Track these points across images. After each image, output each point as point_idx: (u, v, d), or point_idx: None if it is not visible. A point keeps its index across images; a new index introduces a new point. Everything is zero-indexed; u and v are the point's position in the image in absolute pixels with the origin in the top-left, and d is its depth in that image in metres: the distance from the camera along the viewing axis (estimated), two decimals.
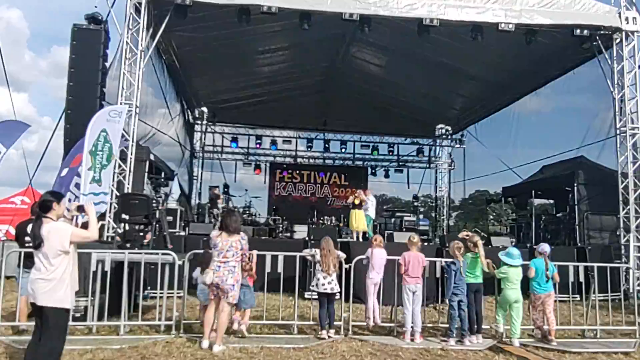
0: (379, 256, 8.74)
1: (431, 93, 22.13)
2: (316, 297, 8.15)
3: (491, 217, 29.88)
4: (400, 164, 28.04)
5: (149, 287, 9.22)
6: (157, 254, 8.01)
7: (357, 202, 14.74)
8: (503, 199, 21.17)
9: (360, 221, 14.64)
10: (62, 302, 4.89)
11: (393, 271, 8.46)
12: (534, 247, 8.89)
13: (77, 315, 7.69)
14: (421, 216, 23.61)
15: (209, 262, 6.97)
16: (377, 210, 15.22)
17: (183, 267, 7.82)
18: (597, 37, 13.73)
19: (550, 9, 13.23)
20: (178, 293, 7.81)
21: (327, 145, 27.13)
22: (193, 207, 24.31)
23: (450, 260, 8.19)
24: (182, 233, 14.33)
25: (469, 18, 13.02)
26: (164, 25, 12.88)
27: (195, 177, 25.53)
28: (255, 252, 7.93)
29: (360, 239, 14.19)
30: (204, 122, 25.81)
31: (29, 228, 5.48)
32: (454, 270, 8.03)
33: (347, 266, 8.50)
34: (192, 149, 25.13)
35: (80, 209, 5.26)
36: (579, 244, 14.30)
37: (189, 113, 24.29)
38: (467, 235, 8.72)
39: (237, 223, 7.01)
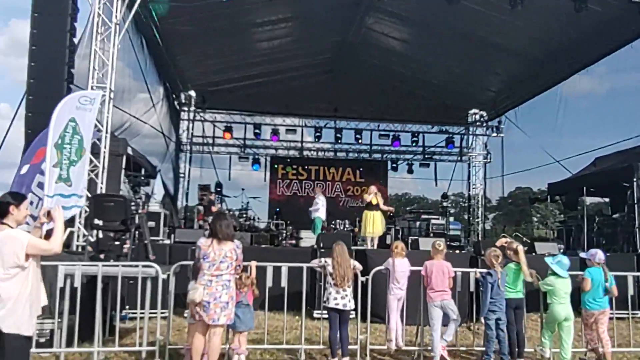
0: (401, 267, 8.69)
1: (463, 72, 22.05)
2: (326, 316, 8.08)
3: (535, 219, 29.86)
4: (427, 156, 28.06)
5: (127, 306, 9.22)
6: (136, 266, 7.98)
7: (373, 201, 14.53)
8: (549, 197, 21.05)
9: (377, 225, 14.52)
10: (19, 327, 4.82)
11: (419, 285, 8.45)
12: (585, 254, 8.76)
13: (42, 340, 7.62)
14: (451, 219, 23.57)
15: None
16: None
17: (168, 281, 7.76)
18: None
19: None
20: (162, 313, 7.79)
21: (338, 135, 27.12)
22: (179, 210, 24.43)
23: (486, 271, 8.16)
24: (167, 241, 14.29)
25: None
26: None
27: (182, 175, 25.65)
28: (254, 264, 7.91)
29: (375, 246, 14.18)
30: (192, 108, 25.92)
31: None
32: (491, 283, 7.97)
33: (363, 279, 8.46)
34: (178, 140, 25.23)
35: (49, 214, 5.21)
36: None
37: (174, 98, 24.36)
38: (506, 242, 8.69)
39: (230, 228, 6.93)
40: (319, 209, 16.41)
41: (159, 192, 21.02)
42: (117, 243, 9.40)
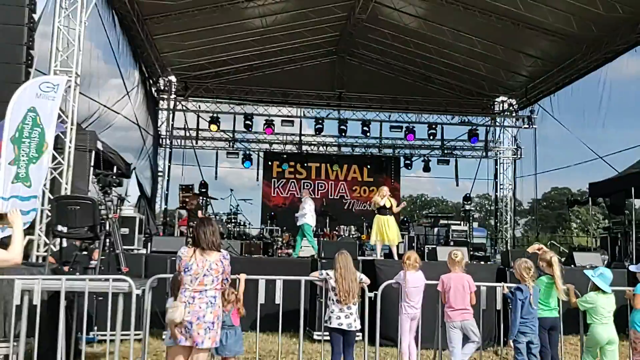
0: (414, 282, 8.72)
1: (488, 53, 22.01)
2: (328, 338, 8.08)
3: (574, 225, 29.76)
4: (446, 152, 28.04)
5: (95, 327, 9.21)
6: (106, 280, 7.83)
7: (387, 204, 14.27)
8: (590, 199, 20.95)
9: (393, 232, 14.28)
10: None
11: (436, 301, 8.47)
12: (635, 267, 8.66)
13: None
14: (475, 225, 23.53)
15: None
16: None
17: (143, 298, 7.77)
18: None
19: None
20: (136, 335, 7.81)
21: (343, 127, 26.94)
22: (158, 214, 24.52)
23: (516, 285, 8.09)
24: (143, 251, 14.30)
25: None
26: None
27: (160, 173, 25.75)
28: (243, 277, 7.89)
29: (396, 257, 14.02)
30: (172, 96, 25.92)
31: None
32: (521, 300, 7.90)
33: (371, 294, 8.49)
34: (156, 133, 25.30)
35: (3, 219, 5.21)
36: None
37: (152, 84, 24.42)
38: (539, 249, 8.68)
39: (216, 236, 6.86)
40: (307, 214, 16.29)
41: (134, 194, 21.28)
42: (84, 253, 9.32)
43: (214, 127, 26.11)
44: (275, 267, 11.52)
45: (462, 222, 22.13)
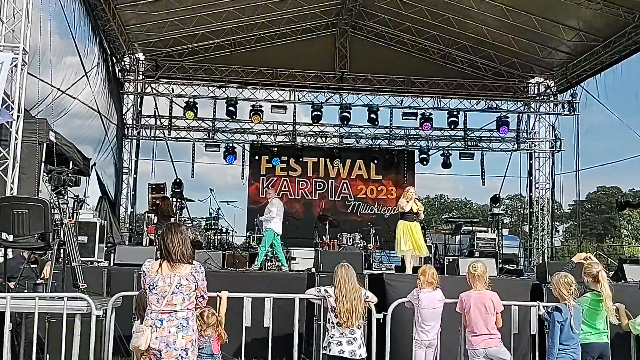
0: (430, 303, 8.75)
1: (521, 25, 22.00)
2: None
3: (625, 232, 29.77)
4: (470, 144, 27.84)
5: (47, 355, 9.08)
6: (61, 299, 7.86)
7: (414, 208, 14.33)
8: None
9: (421, 240, 14.48)
10: None
11: (458, 324, 8.49)
12: None
13: None
14: (506, 232, 23.46)
15: None
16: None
17: (105, 320, 7.81)
18: None
19: None
20: None
21: (346, 115, 26.54)
22: (123, 219, 24.43)
23: (555, 305, 8.00)
24: (104, 263, 14.34)
25: None
26: None
27: (126, 170, 25.65)
28: (225, 294, 7.94)
29: (410, 269, 14.03)
30: (140, 77, 25.83)
31: None
32: (561, 322, 7.79)
33: (380, 315, 8.53)
34: (121, 122, 25.15)
35: None
36: None
37: (115, 63, 24.32)
38: (586, 259, 8.68)
39: (186, 245, 6.84)
40: (274, 218, 16.09)
41: (94, 195, 21.11)
42: (33, 266, 9.36)
43: (190, 114, 25.69)
44: (264, 283, 11.64)
45: (489, 229, 22.01)
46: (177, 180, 24.90)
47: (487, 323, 8.13)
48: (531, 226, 28.20)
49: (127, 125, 25.97)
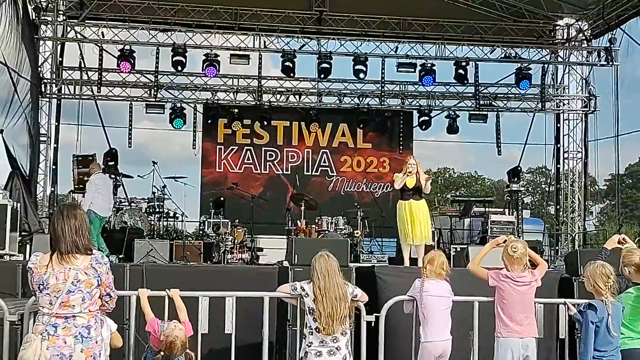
0: (438, 297, 8.29)
1: None
2: None
3: None
4: (482, 103, 25.88)
5: None
6: None
7: (410, 183, 13.57)
8: None
9: (424, 224, 13.77)
10: None
11: (470, 327, 8.32)
12: None
13: None
14: (527, 214, 22.56)
15: None
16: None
17: (21, 326, 7.69)
18: None
19: None
20: None
21: (325, 66, 24.22)
22: (41, 201, 23.22)
23: (588, 302, 7.58)
24: (18, 256, 14.18)
25: None
26: None
27: (44, 138, 23.89)
28: (176, 292, 7.72)
29: (408, 260, 13.81)
30: (61, 18, 23.89)
31: None
32: (595, 323, 7.34)
33: (371, 318, 8.23)
34: (36, 77, 23.27)
35: None
36: None
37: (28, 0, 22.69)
38: (623, 241, 8.28)
39: (82, 233, 6.29)
40: (96, 198, 15.21)
41: (2, 171, 19.85)
42: None
43: (126, 65, 23.29)
44: (224, 279, 11.56)
45: (506, 210, 21.42)
46: (111, 151, 23.00)
47: (528, 309, 8.10)
48: (558, 207, 26.78)
49: (45, 81, 23.95)
